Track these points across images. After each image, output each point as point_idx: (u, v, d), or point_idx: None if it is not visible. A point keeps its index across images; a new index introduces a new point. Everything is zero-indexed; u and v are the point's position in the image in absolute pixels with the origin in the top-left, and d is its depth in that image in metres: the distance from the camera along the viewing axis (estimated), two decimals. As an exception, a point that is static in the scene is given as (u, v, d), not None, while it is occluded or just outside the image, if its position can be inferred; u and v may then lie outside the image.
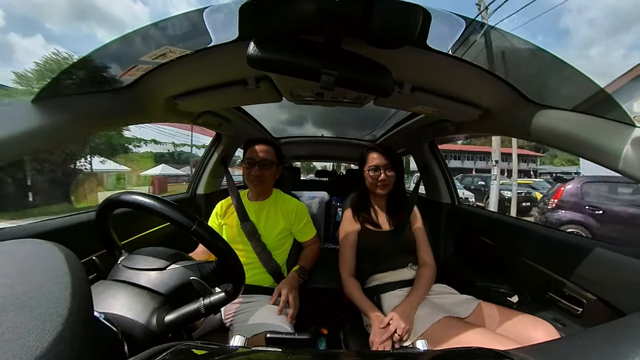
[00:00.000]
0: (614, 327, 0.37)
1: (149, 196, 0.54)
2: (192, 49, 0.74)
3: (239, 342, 0.50)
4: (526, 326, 0.81)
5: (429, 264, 1.11)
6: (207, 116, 1.29)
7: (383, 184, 1.15)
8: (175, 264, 0.60)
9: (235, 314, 0.97)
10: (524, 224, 1.25)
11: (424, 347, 0.52)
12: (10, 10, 61.83)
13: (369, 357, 0.51)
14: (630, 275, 0.75)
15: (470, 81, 0.86)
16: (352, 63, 0.68)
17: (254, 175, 1.14)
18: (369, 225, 1.17)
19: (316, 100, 1.04)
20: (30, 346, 0.23)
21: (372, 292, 1.07)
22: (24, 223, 0.85)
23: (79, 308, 0.29)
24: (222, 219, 1.21)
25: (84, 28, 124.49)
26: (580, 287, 0.88)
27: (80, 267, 0.33)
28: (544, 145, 0.89)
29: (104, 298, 0.51)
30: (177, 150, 25.57)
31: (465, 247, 1.61)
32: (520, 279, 1.15)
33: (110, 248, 0.67)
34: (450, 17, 0.62)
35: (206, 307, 0.53)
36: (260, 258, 1.12)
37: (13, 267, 0.30)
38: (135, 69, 0.79)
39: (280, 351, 0.40)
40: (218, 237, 0.56)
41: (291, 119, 2.33)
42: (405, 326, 0.86)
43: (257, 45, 0.63)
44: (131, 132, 18.38)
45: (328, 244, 2.09)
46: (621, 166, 0.63)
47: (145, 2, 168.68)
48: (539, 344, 0.41)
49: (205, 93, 0.98)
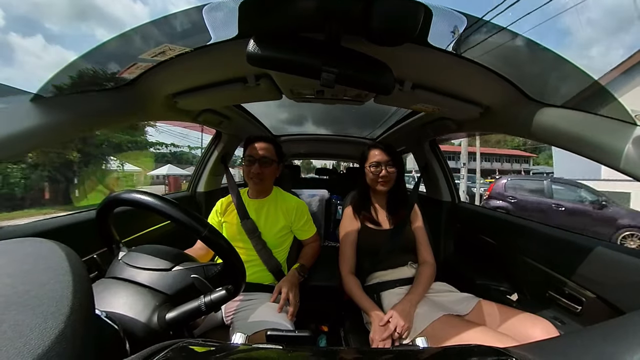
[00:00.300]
0: (613, 325, 0.37)
1: (162, 199, 0.55)
2: (192, 47, 0.74)
3: (240, 339, 0.50)
4: (525, 324, 0.81)
5: (428, 262, 1.11)
6: (207, 114, 1.29)
7: (384, 180, 1.15)
8: (181, 265, 0.60)
9: (236, 312, 0.97)
10: (524, 222, 1.25)
11: (424, 345, 0.53)
12: (10, 10, 61.93)
13: (369, 355, 0.51)
14: (629, 274, 0.75)
15: (471, 79, 0.86)
16: (353, 60, 0.68)
17: (254, 173, 1.14)
18: (369, 223, 1.17)
19: (316, 98, 1.04)
20: (32, 344, 0.24)
21: (372, 290, 1.08)
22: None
23: (80, 306, 0.29)
24: (222, 217, 1.21)
25: (84, 28, 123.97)
26: (580, 286, 0.88)
27: (81, 266, 0.33)
28: (545, 143, 0.88)
29: (105, 296, 0.52)
30: (188, 151, 27.32)
31: (466, 245, 1.62)
32: (520, 277, 1.16)
33: (111, 245, 0.68)
34: (451, 14, 0.62)
35: (207, 305, 0.53)
36: (260, 256, 1.12)
37: (15, 266, 0.30)
38: (134, 67, 0.78)
39: (280, 348, 0.41)
40: (225, 241, 0.58)
41: (291, 117, 2.32)
42: (405, 324, 0.86)
43: (257, 42, 0.63)
44: (154, 137, 20.43)
45: (328, 241, 2.09)
46: (622, 165, 0.62)
47: (144, 1, 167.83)
48: (538, 341, 0.41)
49: (205, 91, 0.98)
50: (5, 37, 63.82)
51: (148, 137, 18.65)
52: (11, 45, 64.94)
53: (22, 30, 71.24)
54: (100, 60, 0.76)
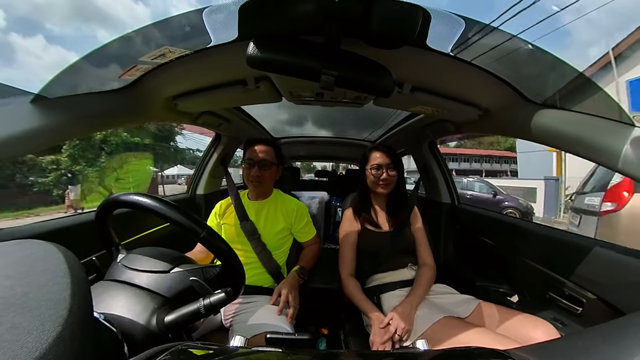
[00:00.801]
0: (614, 326, 0.37)
1: (160, 200, 0.54)
2: (192, 49, 0.74)
3: (239, 342, 0.50)
4: (526, 326, 0.81)
5: (428, 264, 1.11)
6: (207, 116, 1.29)
7: (385, 183, 1.15)
8: (179, 267, 0.60)
9: (235, 315, 0.96)
10: (524, 224, 1.25)
11: (424, 347, 0.52)
12: (11, 11, 62.03)
13: (369, 357, 0.51)
14: (630, 275, 0.75)
15: (470, 81, 0.86)
16: (352, 63, 0.68)
17: (253, 176, 1.14)
18: (369, 225, 1.17)
19: (316, 100, 1.04)
20: (30, 347, 0.23)
21: (372, 293, 1.07)
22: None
23: (78, 309, 0.28)
24: (222, 219, 1.21)
25: (84, 28, 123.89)
26: (580, 287, 0.88)
27: (79, 268, 0.33)
28: (543, 145, 0.89)
29: (103, 299, 0.51)
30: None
31: (465, 247, 1.61)
32: (520, 278, 1.15)
33: (110, 247, 0.67)
34: (450, 17, 0.62)
35: (206, 308, 0.53)
36: (260, 258, 1.12)
37: (13, 268, 0.30)
38: (134, 69, 0.79)
39: (280, 351, 0.40)
40: (224, 243, 0.57)
41: (291, 119, 2.33)
42: (405, 326, 0.86)
43: (256, 45, 0.63)
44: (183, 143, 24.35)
45: (328, 244, 2.09)
46: (620, 166, 0.63)
47: (145, 3, 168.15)
48: (538, 343, 0.41)
49: (204, 93, 0.98)
50: (5, 37, 63.91)
51: (178, 144, 23.25)
52: (12, 45, 64.92)
53: (23, 30, 71.43)
54: (101, 62, 0.77)
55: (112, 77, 0.82)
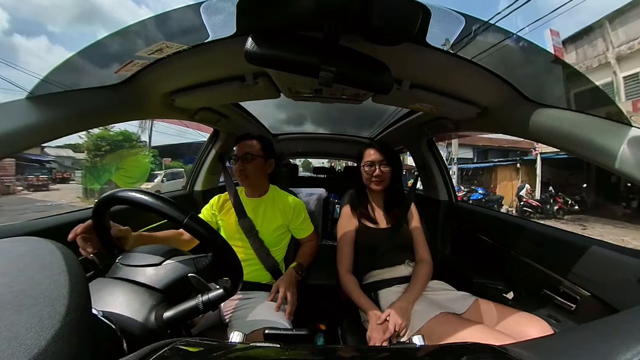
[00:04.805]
0: (607, 323, 0.38)
1: (143, 192, 0.54)
2: (189, 44, 0.73)
3: (238, 338, 0.50)
4: (522, 322, 0.82)
5: (425, 261, 1.12)
6: (205, 112, 1.28)
7: (378, 180, 1.15)
8: (170, 259, 0.60)
9: (234, 311, 0.97)
10: (520, 221, 1.26)
11: (421, 343, 0.53)
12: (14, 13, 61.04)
13: (366, 353, 0.51)
14: (623, 273, 0.76)
15: (469, 79, 0.86)
16: (351, 59, 0.68)
17: (237, 170, 1.16)
18: (366, 222, 1.18)
19: (314, 96, 1.03)
20: (28, 344, 0.23)
21: (370, 289, 1.08)
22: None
23: (76, 305, 0.28)
24: (219, 214, 1.21)
25: (84, 28, 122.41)
26: (574, 284, 0.89)
27: (77, 265, 0.33)
28: (541, 143, 0.89)
29: (102, 295, 0.51)
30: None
31: (462, 244, 1.63)
32: (516, 275, 1.17)
33: (108, 246, 0.67)
34: (449, 14, 0.62)
35: (204, 304, 0.53)
36: (258, 255, 1.12)
37: (10, 265, 0.30)
38: (131, 64, 0.78)
39: (278, 347, 0.41)
40: (211, 231, 0.56)
41: (290, 116, 2.31)
42: (402, 322, 0.87)
43: (255, 40, 0.62)
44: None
45: (326, 240, 2.09)
46: (617, 165, 0.63)
47: (146, 3, 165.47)
48: (534, 339, 0.42)
49: (202, 89, 0.97)
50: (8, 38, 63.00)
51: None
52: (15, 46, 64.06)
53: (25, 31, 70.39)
54: (97, 57, 0.76)
55: (108, 73, 0.81)
